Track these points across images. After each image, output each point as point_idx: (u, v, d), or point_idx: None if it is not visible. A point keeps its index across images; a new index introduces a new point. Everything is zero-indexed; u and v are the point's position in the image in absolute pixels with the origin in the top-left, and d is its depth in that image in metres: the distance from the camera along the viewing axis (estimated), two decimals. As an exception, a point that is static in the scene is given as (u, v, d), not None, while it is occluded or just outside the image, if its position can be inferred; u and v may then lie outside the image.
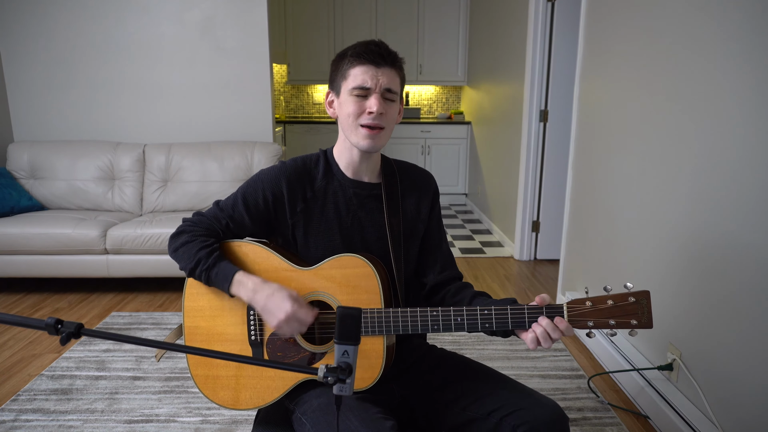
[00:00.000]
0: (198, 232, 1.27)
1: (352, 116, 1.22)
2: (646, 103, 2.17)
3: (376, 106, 1.19)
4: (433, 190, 1.40)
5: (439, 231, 1.41)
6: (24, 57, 3.79)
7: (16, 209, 3.38)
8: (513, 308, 1.14)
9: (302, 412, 1.22)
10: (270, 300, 1.17)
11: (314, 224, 1.28)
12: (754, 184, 1.56)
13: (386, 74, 1.21)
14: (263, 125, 4.00)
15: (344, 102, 1.23)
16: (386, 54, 1.22)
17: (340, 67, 1.24)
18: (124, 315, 3.01)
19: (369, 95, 1.21)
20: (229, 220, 1.29)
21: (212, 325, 1.27)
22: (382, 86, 1.20)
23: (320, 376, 0.88)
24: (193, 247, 1.23)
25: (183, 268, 1.25)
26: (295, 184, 1.28)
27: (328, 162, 1.32)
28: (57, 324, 0.81)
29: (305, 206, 1.29)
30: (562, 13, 3.62)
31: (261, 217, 1.29)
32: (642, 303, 1.07)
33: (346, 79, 1.22)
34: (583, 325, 1.10)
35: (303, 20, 6.02)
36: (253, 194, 1.28)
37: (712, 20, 1.75)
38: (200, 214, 1.31)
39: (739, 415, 1.64)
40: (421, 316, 1.17)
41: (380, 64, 1.21)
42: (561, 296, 3.15)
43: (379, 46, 1.22)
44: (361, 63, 1.20)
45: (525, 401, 1.19)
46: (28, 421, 2.02)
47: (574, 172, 2.96)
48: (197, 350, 0.89)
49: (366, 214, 1.31)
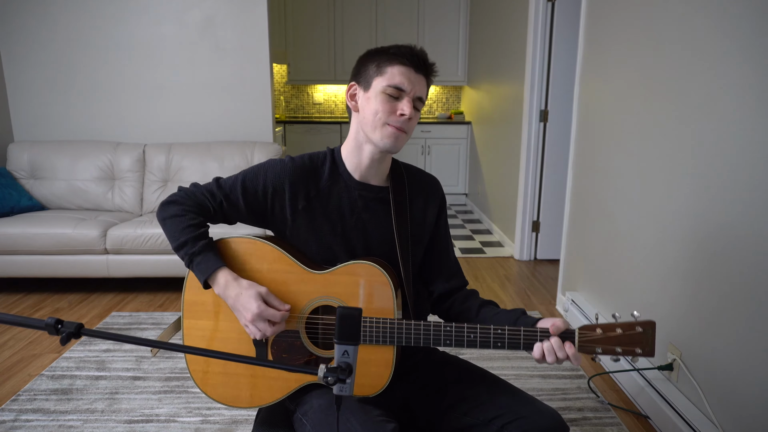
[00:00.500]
0: (189, 206, 1.24)
1: (381, 113, 1.19)
2: (647, 103, 2.17)
3: (409, 110, 1.18)
4: (441, 197, 1.38)
5: (446, 239, 1.39)
6: (24, 57, 3.79)
7: (16, 209, 3.38)
8: (526, 330, 1.14)
9: (303, 413, 1.21)
10: (238, 299, 1.16)
11: (316, 223, 1.27)
12: (755, 184, 1.56)
13: (421, 83, 1.21)
14: (263, 125, 4.00)
15: (374, 98, 1.20)
16: (425, 61, 1.21)
17: (375, 61, 1.20)
18: (124, 315, 3.02)
19: (402, 98, 1.19)
20: (224, 199, 1.26)
21: (214, 323, 1.25)
22: (416, 93, 1.19)
23: (320, 376, 0.88)
24: (181, 222, 1.21)
25: (169, 240, 1.22)
26: (299, 182, 1.26)
27: (335, 162, 1.30)
28: (57, 324, 0.81)
29: (307, 204, 1.27)
30: (562, 13, 3.62)
31: (256, 206, 1.27)
32: (648, 333, 1.10)
33: (382, 75, 1.19)
34: (592, 351, 1.13)
35: (303, 20, 6.02)
36: (253, 181, 1.26)
37: (712, 20, 1.75)
38: (196, 186, 1.29)
39: (739, 415, 1.64)
40: (434, 330, 1.16)
41: (420, 70, 1.19)
42: (561, 296, 3.15)
43: (420, 54, 1.20)
44: (403, 63, 1.18)
45: (526, 409, 1.18)
46: (28, 421, 2.02)
47: (574, 172, 2.96)
48: (197, 350, 0.89)
49: (370, 216, 1.29)
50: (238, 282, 1.17)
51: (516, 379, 2.30)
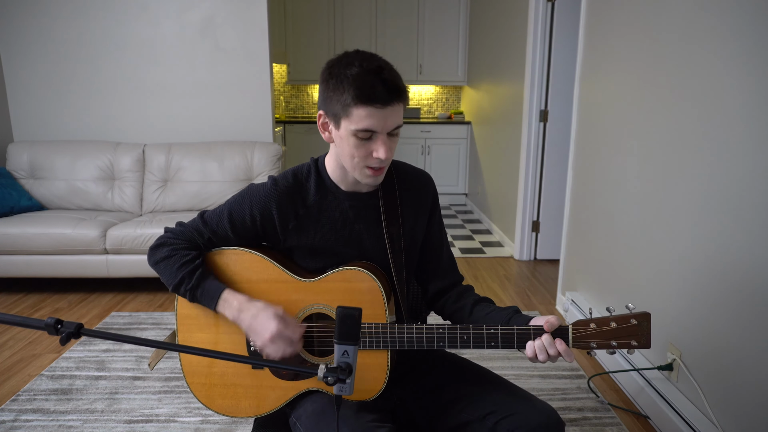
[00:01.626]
0: (179, 245, 1.21)
1: (357, 158, 1.12)
2: (647, 102, 2.17)
3: (384, 153, 1.09)
4: (432, 194, 1.33)
5: (440, 235, 1.35)
6: (24, 57, 3.79)
7: (16, 209, 3.38)
8: (519, 329, 1.12)
9: (297, 417, 1.21)
10: (255, 320, 1.14)
11: (307, 240, 1.24)
12: (755, 184, 1.56)
13: (394, 112, 1.08)
14: (263, 125, 4.00)
15: (345, 139, 1.11)
16: (393, 90, 1.07)
17: (338, 97, 1.08)
18: (124, 315, 3.01)
19: (375, 137, 1.09)
20: (211, 235, 1.23)
21: (208, 335, 1.25)
22: (389, 128, 1.09)
23: (320, 376, 0.88)
24: (174, 263, 1.19)
25: (166, 283, 1.21)
26: (286, 204, 1.22)
27: (320, 175, 1.25)
28: (57, 324, 0.81)
29: (297, 223, 1.23)
30: (562, 13, 3.62)
31: (248, 234, 1.24)
32: (643, 325, 1.09)
33: (348, 118, 1.08)
34: (587, 347, 1.12)
35: (303, 20, 6.02)
36: (239, 212, 1.22)
37: (713, 19, 1.75)
38: (182, 225, 1.26)
39: (739, 415, 1.63)
40: (427, 333, 1.15)
41: (387, 103, 1.06)
42: (561, 296, 3.15)
43: (386, 83, 1.06)
44: (368, 104, 1.05)
45: (521, 405, 1.18)
46: (28, 421, 2.02)
47: (574, 172, 2.96)
48: (197, 350, 0.89)
49: (364, 226, 1.25)
50: (253, 303, 1.16)
51: (516, 378, 2.30)
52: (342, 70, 1.08)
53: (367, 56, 1.10)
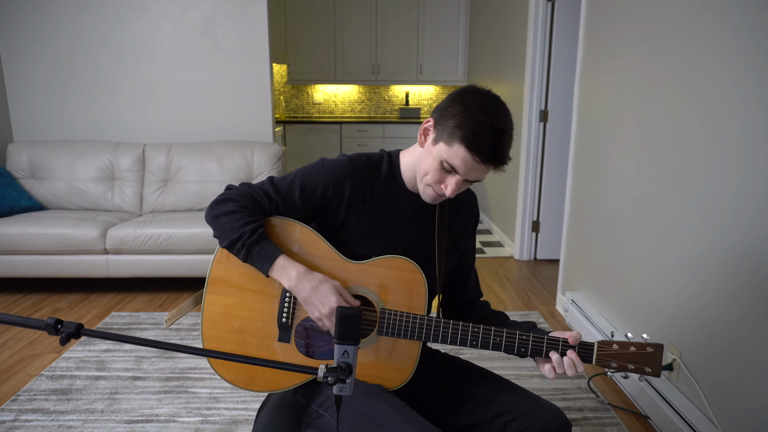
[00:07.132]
0: (246, 203, 1.22)
1: (430, 177, 1.17)
2: (647, 102, 2.17)
3: (451, 192, 1.15)
4: (476, 213, 1.41)
5: (473, 252, 1.43)
6: (24, 57, 3.79)
7: (16, 209, 3.38)
8: (549, 338, 1.18)
9: (318, 405, 1.22)
10: (315, 292, 1.15)
11: (365, 224, 1.27)
12: (755, 183, 1.56)
13: (484, 171, 1.13)
14: (263, 125, 4.00)
15: (432, 156, 1.15)
16: (498, 158, 1.11)
17: (454, 124, 1.10)
18: (124, 315, 3.01)
19: (454, 174, 1.14)
20: (281, 202, 1.24)
21: (237, 301, 1.24)
22: (471, 178, 1.15)
23: (320, 376, 0.88)
24: (239, 219, 1.18)
25: (219, 237, 1.20)
26: (360, 184, 1.26)
27: (392, 167, 1.29)
28: (57, 324, 0.81)
29: (362, 207, 1.26)
30: (562, 13, 3.62)
31: (312, 206, 1.26)
32: (657, 355, 1.17)
33: (448, 146, 1.12)
34: (607, 365, 1.17)
35: (303, 20, 6.02)
36: (313, 184, 1.24)
37: (713, 19, 1.75)
38: (249, 186, 1.26)
39: (739, 415, 1.64)
40: (462, 330, 1.19)
41: (485, 162, 1.11)
42: (561, 296, 3.15)
43: (497, 149, 1.10)
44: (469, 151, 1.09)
45: (529, 406, 1.20)
46: (28, 421, 2.02)
47: (574, 172, 2.96)
48: (197, 350, 0.89)
49: (414, 226, 1.30)
50: (312, 274, 1.17)
51: (516, 379, 2.30)
52: (474, 107, 1.11)
53: (502, 112, 1.13)
